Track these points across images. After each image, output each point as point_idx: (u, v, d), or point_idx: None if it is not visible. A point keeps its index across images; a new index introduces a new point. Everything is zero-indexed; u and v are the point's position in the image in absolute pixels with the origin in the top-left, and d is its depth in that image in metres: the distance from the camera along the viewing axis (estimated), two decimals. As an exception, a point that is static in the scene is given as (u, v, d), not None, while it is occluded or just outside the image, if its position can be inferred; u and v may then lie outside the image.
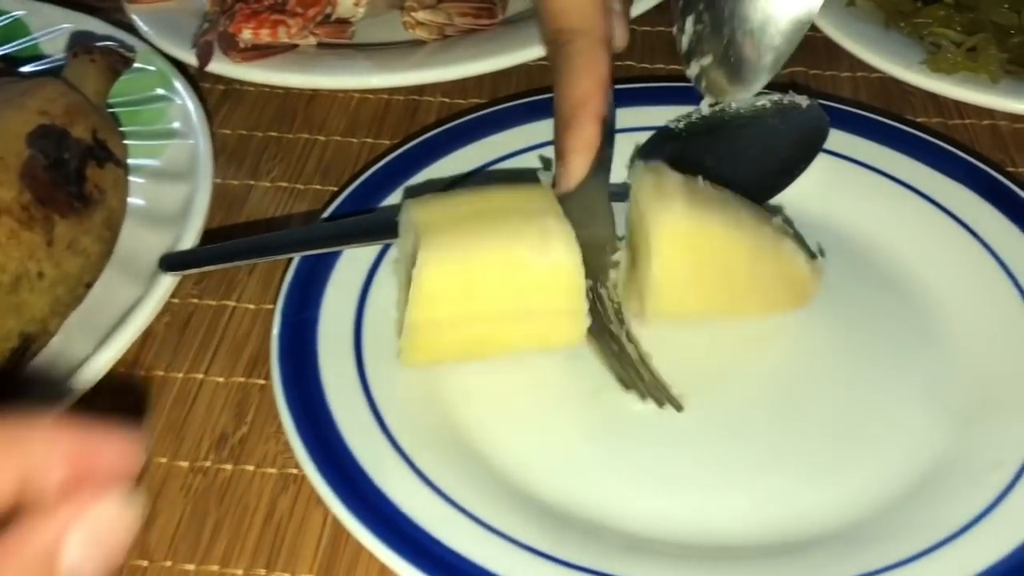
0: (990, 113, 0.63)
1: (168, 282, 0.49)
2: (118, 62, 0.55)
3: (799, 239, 0.50)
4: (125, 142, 0.55)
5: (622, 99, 0.60)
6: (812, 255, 0.50)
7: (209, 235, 0.55)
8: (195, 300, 0.54)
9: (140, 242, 0.51)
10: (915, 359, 0.49)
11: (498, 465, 0.45)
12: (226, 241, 0.53)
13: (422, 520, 0.41)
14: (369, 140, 0.64)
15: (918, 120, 0.64)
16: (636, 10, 0.67)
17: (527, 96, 0.64)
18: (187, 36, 0.66)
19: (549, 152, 0.55)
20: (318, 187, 0.61)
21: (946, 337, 0.49)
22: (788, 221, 0.51)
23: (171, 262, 0.49)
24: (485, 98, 0.67)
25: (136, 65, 0.60)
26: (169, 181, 0.54)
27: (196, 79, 0.65)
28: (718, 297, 0.49)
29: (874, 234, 0.54)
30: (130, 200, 0.53)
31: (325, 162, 0.63)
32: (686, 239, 0.47)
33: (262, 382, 0.50)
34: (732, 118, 0.58)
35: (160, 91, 0.59)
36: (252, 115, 0.67)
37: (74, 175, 0.48)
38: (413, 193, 0.54)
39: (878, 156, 0.57)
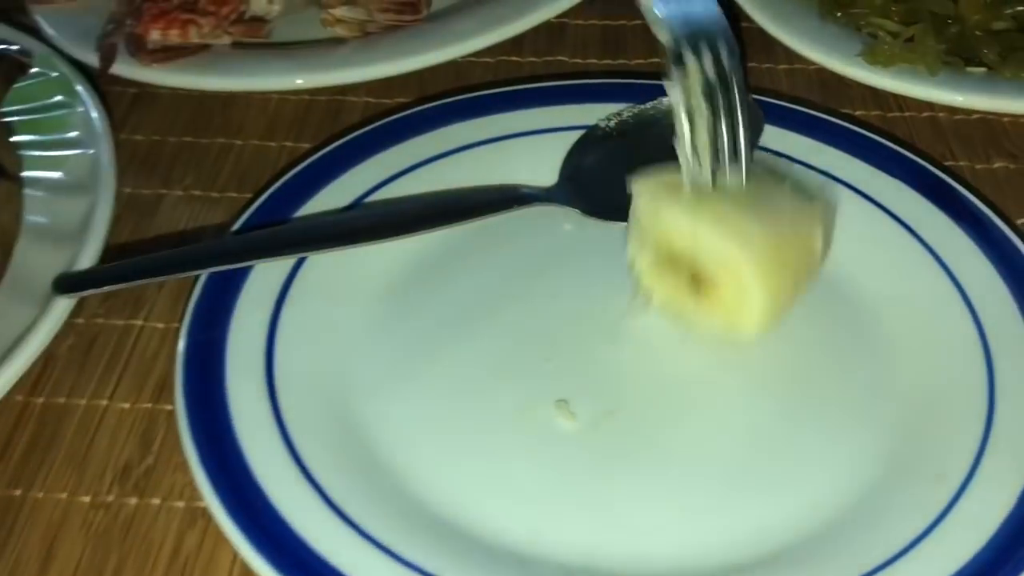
0: (930, 105, 0.61)
1: (64, 304, 0.46)
2: (12, 69, 0.52)
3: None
4: (22, 153, 0.52)
5: (552, 97, 0.59)
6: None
7: (115, 251, 0.53)
8: (100, 320, 0.51)
9: (36, 261, 0.48)
10: (854, 368, 0.47)
11: (420, 495, 0.42)
12: (131, 257, 0.50)
13: (338, 560, 0.38)
14: (289, 144, 0.62)
15: (857, 113, 0.62)
16: (567, 3, 0.65)
17: (455, 94, 0.61)
18: (94, 38, 0.62)
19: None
20: (234, 195, 0.58)
21: (885, 343, 0.47)
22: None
23: (66, 283, 0.45)
24: (411, 97, 0.64)
25: (36, 70, 0.56)
26: (69, 195, 0.51)
27: (105, 83, 0.62)
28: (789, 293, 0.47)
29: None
30: (26, 216, 0.49)
31: (241, 168, 0.60)
32: (771, 263, 0.45)
33: (170, 408, 0.47)
34: (663, 115, 0.56)
35: (60, 98, 0.55)
36: (165, 120, 0.63)
37: (-43, 194, 0.45)
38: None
39: (814, 152, 0.55)
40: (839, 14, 0.63)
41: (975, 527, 0.39)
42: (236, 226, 0.51)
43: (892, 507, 0.41)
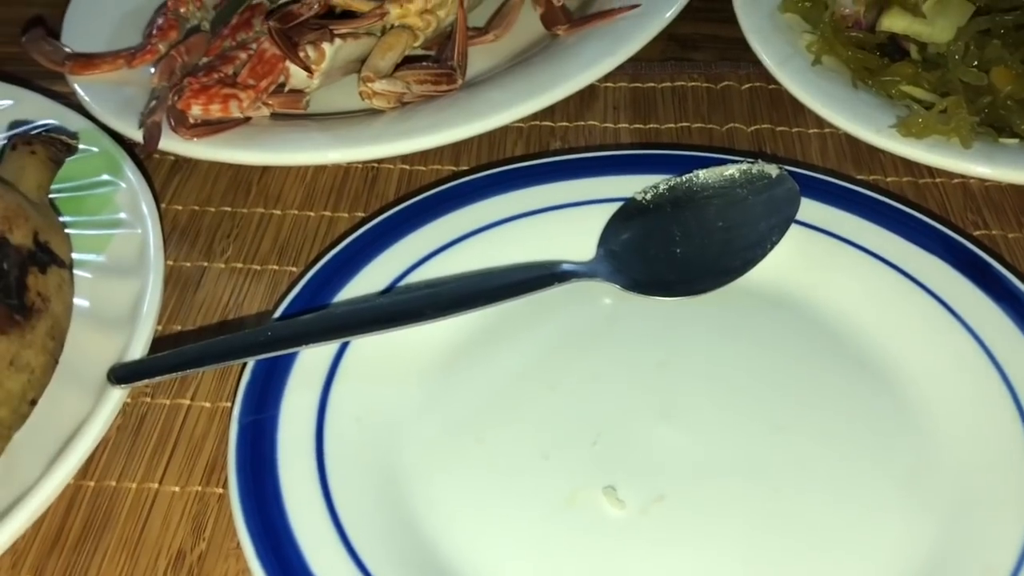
0: (961, 171, 0.62)
1: (119, 394, 0.47)
2: (60, 151, 0.53)
3: None
4: (69, 232, 0.53)
5: (587, 169, 0.59)
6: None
7: (161, 332, 0.53)
8: (148, 399, 0.52)
9: (87, 348, 0.48)
10: (894, 450, 0.47)
11: (470, 580, 0.43)
12: (179, 341, 0.50)
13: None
14: (327, 213, 0.62)
15: (888, 180, 0.63)
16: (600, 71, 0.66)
17: (489, 164, 0.62)
18: (134, 110, 0.63)
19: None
20: (275, 267, 0.59)
21: (925, 423, 0.48)
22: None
23: (120, 374, 0.46)
24: (447, 163, 0.65)
25: (80, 147, 0.57)
26: (117, 277, 0.51)
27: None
28: None
29: (849, 311, 0.53)
30: (76, 301, 0.50)
31: (281, 240, 0.61)
32: None
33: (220, 491, 0.48)
34: (700, 189, 0.57)
35: (106, 176, 0.56)
36: (204, 188, 0.64)
37: (14, 286, 0.45)
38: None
39: (851, 226, 0.55)
40: (870, 82, 0.63)
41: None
42: (278, 313, 0.51)
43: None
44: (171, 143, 0.61)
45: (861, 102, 0.62)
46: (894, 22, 0.63)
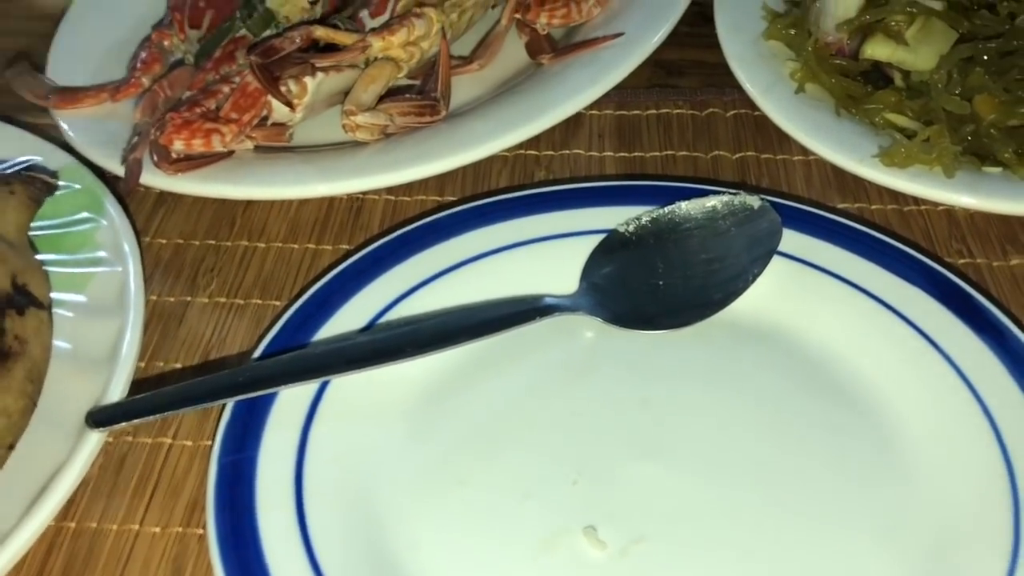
0: (946, 199, 0.62)
1: (98, 437, 0.47)
2: (40, 191, 0.53)
3: None
4: (48, 269, 0.53)
5: (569, 200, 0.59)
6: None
7: (143, 371, 0.53)
8: (129, 438, 0.52)
9: (67, 389, 0.48)
10: (876, 488, 0.47)
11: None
12: (160, 381, 0.50)
13: None
14: (311, 246, 0.62)
15: (873, 208, 0.63)
16: (584, 101, 0.65)
17: (473, 196, 0.62)
18: (118, 144, 0.63)
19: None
20: (258, 301, 0.59)
21: (906, 459, 0.48)
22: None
23: (99, 418, 0.46)
24: (431, 194, 0.65)
25: (61, 183, 0.57)
26: (97, 317, 0.51)
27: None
28: None
29: (831, 343, 0.53)
30: (55, 342, 0.50)
31: (265, 273, 0.61)
32: None
33: (200, 531, 0.48)
34: (682, 221, 0.57)
35: (86, 213, 0.56)
36: (188, 222, 0.64)
37: (-9, 330, 0.45)
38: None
39: (833, 258, 0.55)
40: (853, 110, 0.63)
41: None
42: (258, 352, 0.51)
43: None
44: (154, 178, 0.61)
45: (844, 131, 0.62)
46: (877, 50, 0.63)
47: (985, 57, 0.61)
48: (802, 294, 0.54)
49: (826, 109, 0.64)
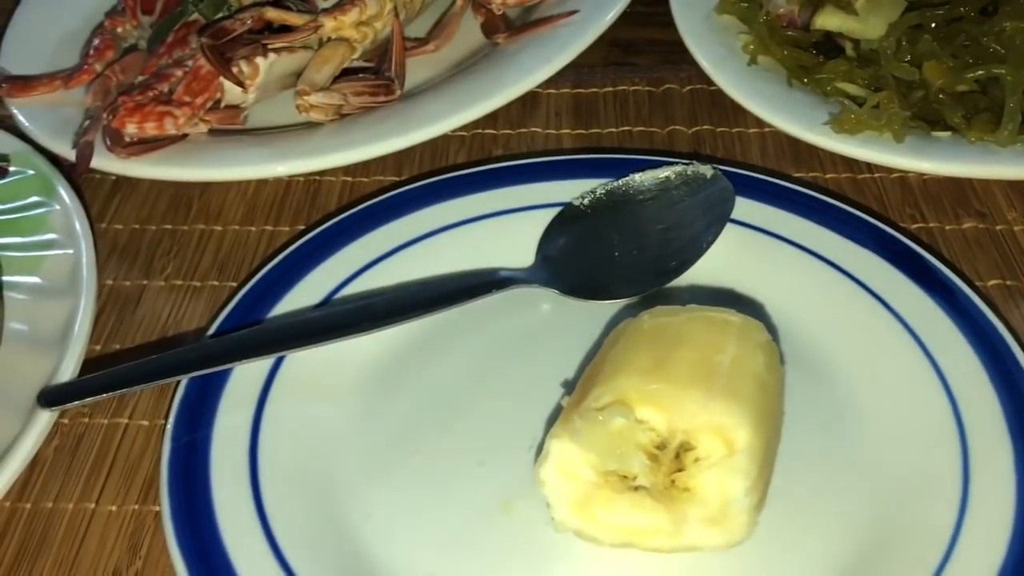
0: (899, 166, 0.62)
1: (49, 416, 0.47)
2: (-10, 175, 0.52)
3: None
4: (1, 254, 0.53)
5: (526, 175, 0.59)
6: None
7: (97, 353, 0.53)
8: (86, 419, 0.52)
9: (17, 370, 0.48)
10: (830, 442, 0.47)
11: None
12: (115, 360, 0.50)
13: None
14: (268, 227, 0.62)
15: (827, 176, 0.63)
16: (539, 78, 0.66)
17: (431, 173, 0.62)
18: (71, 130, 0.63)
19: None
20: (215, 283, 0.59)
21: (861, 419, 0.48)
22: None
23: (50, 397, 0.46)
24: (389, 174, 0.65)
25: (13, 169, 0.57)
26: (48, 298, 0.51)
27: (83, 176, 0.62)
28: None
29: (785, 306, 0.53)
30: (7, 323, 0.50)
31: (222, 255, 0.61)
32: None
33: (157, 509, 0.48)
34: (636, 192, 0.57)
35: (38, 197, 0.56)
36: (145, 207, 0.64)
37: (-61, 312, 0.45)
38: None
39: (785, 223, 0.55)
40: (806, 80, 0.64)
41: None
42: (213, 329, 0.51)
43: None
44: (108, 162, 0.61)
45: (796, 100, 0.62)
46: (827, 20, 0.64)
47: (933, 25, 0.62)
48: (756, 260, 0.54)
49: (778, 80, 0.64)
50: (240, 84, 0.61)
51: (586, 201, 0.57)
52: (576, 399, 0.43)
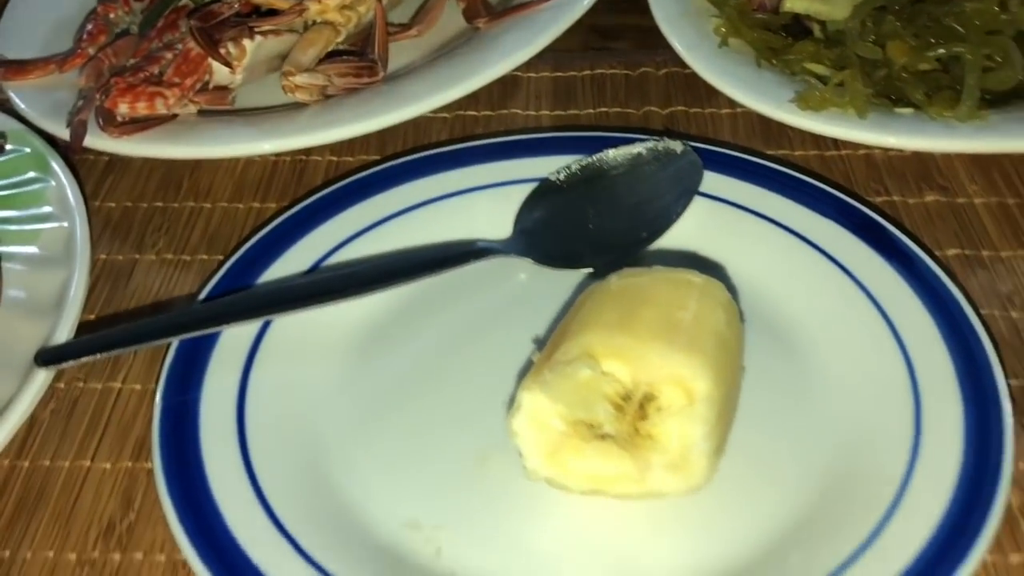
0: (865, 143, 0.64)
1: (45, 375, 0.49)
2: (-12, 151, 0.55)
3: None
4: None
5: (505, 152, 0.62)
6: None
7: (92, 321, 0.55)
8: (81, 384, 0.54)
9: (15, 333, 0.50)
10: (788, 399, 0.50)
11: (389, 543, 0.45)
12: (108, 326, 0.52)
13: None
14: (256, 205, 0.64)
15: (796, 154, 0.65)
16: (519, 59, 0.68)
17: (414, 151, 0.64)
18: (64, 112, 0.65)
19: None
20: (204, 257, 0.61)
21: (821, 376, 0.50)
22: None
23: (47, 356, 0.48)
24: (373, 154, 0.67)
25: (10, 147, 0.59)
26: (44, 268, 0.53)
27: (77, 155, 0.65)
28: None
29: (750, 274, 0.55)
30: (5, 291, 0.52)
31: (211, 231, 0.63)
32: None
33: (149, 466, 0.50)
34: (610, 167, 0.59)
35: (34, 174, 0.58)
36: (137, 185, 0.66)
37: (-61, 278, 0.47)
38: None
39: (751, 196, 0.58)
40: (774, 61, 0.66)
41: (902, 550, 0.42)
42: (203, 295, 0.53)
43: (825, 535, 0.43)
44: (100, 141, 0.63)
45: (764, 80, 0.65)
46: (795, 3, 0.66)
47: (897, 6, 0.64)
48: (721, 229, 0.57)
49: (748, 62, 0.66)
50: (228, 65, 0.63)
51: (562, 176, 0.59)
52: (546, 354, 0.45)
